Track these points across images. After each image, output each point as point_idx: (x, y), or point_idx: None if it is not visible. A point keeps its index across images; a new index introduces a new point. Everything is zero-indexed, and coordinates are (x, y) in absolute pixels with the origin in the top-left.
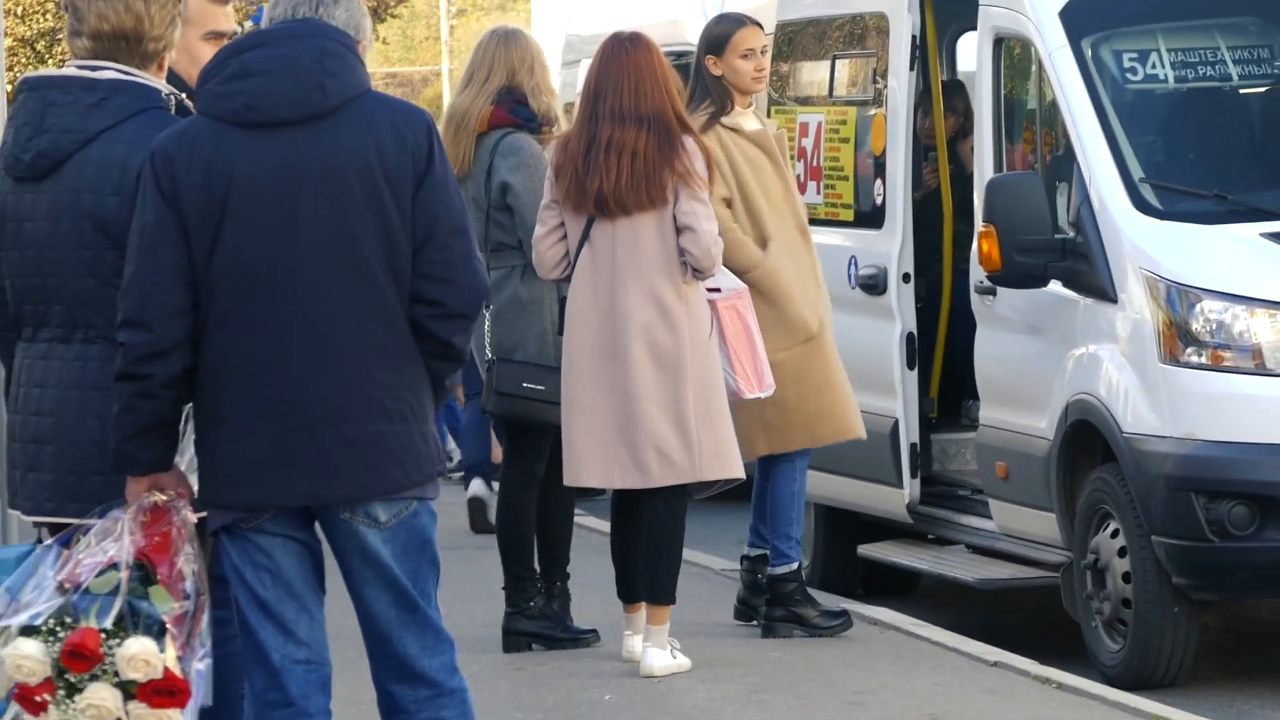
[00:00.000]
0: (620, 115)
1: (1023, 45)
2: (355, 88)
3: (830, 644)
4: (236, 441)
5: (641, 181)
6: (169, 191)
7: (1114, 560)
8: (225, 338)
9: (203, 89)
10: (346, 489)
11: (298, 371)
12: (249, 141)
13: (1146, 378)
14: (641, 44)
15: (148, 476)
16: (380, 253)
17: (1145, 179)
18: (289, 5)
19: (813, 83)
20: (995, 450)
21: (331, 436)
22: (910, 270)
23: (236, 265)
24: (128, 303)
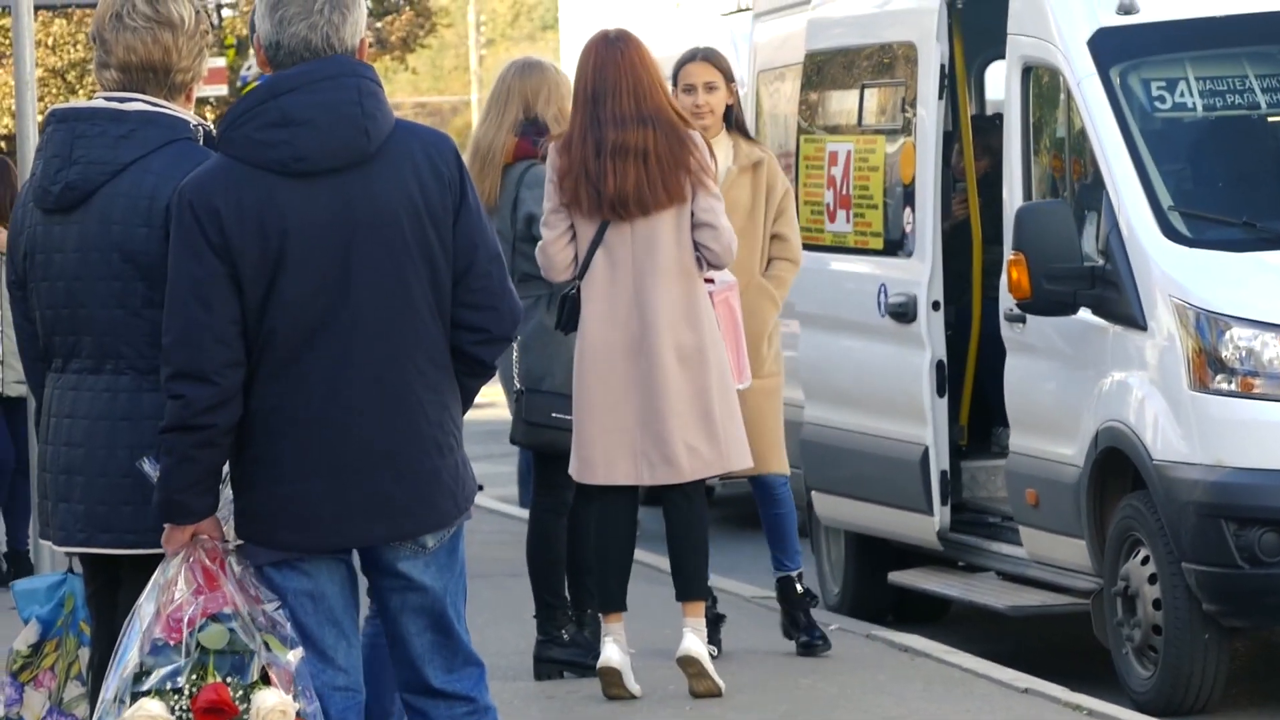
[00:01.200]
0: (623, 117)
1: (1051, 74)
2: (389, 123)
3: (862, 671)
4: (291, 484)
5: (659, 181)
6: (219, 244)
7: (1144, 587)
8: (281, 384)
9: (235, 133)
10: (405, 527)
11: (354, 416)
12: (298, 191)
13: (1176, 405)
14: (632, 42)
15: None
16: (427, 290)
17: (1174, 207)
18: (305, 24)
19: (841, 111)
20: (1025, 477)
21: (389, 477)
22: (940, 298)
23: (293, 314)
24: (183, 356)
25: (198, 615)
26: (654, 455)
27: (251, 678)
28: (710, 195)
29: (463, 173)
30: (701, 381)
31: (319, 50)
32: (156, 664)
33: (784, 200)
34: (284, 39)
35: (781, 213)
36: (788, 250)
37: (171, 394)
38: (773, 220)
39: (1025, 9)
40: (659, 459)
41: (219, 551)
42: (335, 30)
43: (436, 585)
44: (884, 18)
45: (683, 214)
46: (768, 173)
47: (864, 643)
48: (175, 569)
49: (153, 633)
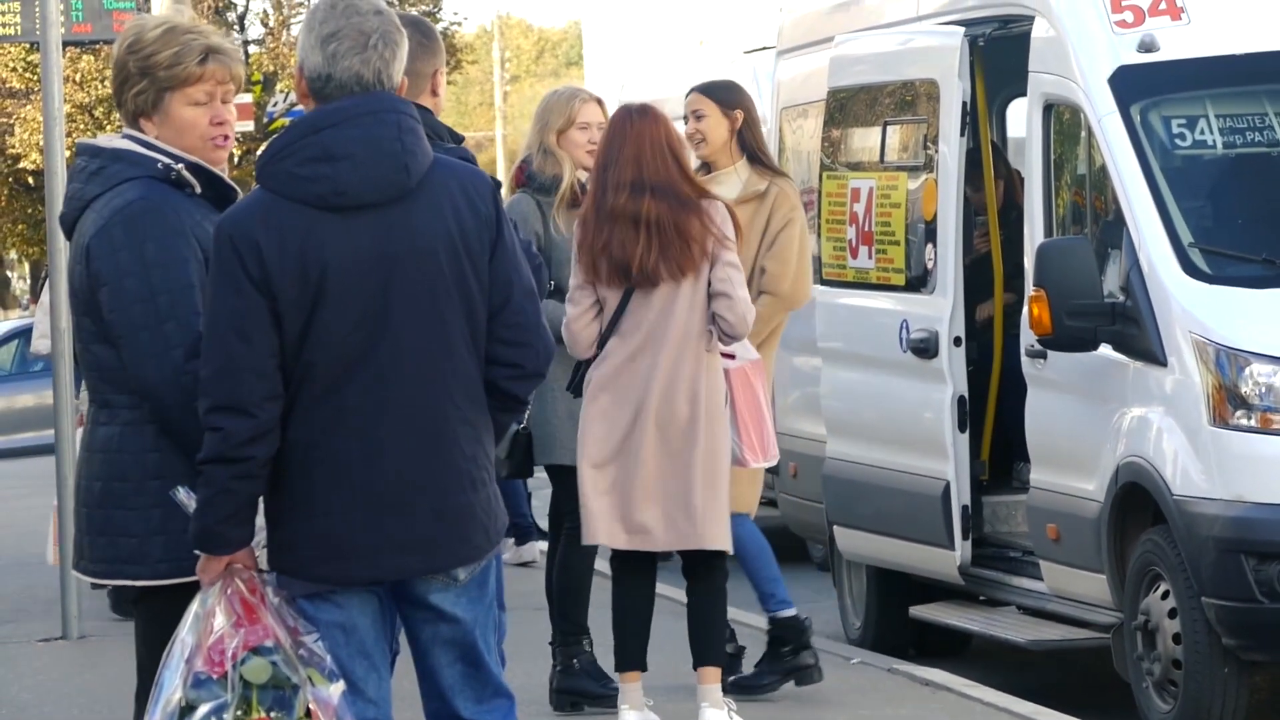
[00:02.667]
0: (622, 184)
1: (1072, 111)
2: (428, 159)
3: (884, 704)
4: (326, 517)
5: (660, 250)
6: (259, 277)
7: (1164, 621)
8: (318, 417)
9: (276, 167)
10: (440, 561)
11: (390, 449)
12: (338, 226)
13: (1196, 440)
14: (648, 115)
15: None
16: (463, 326)
17: (1194, 244)
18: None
19: (864, 148)
20: (1046, 512)
21: (425, 512)
22: (962, 334)
23: (331, 348)
24: (222, 389)
25: (239, 648)
26: (634, 521)
27: (296, 713)
28: (727, 264)
29: (499, 209)
30: (687, 458)
31: (369, 85)
32: (200, 698)
33: (783, 232)
34: (336, 72)
35: (773, 244)
36: (769, 283)
37: (210, 426)
38: (765, 251)
39: (1047, 47)
40: (636, 525)
41: (256, 583)
42: (386, 66)
43: (467, 617)
44: (906, 55)
45: (696, 284)
46: (771, 204)
47: (886, 676)
48: (214, 600)
49: (194, 665)
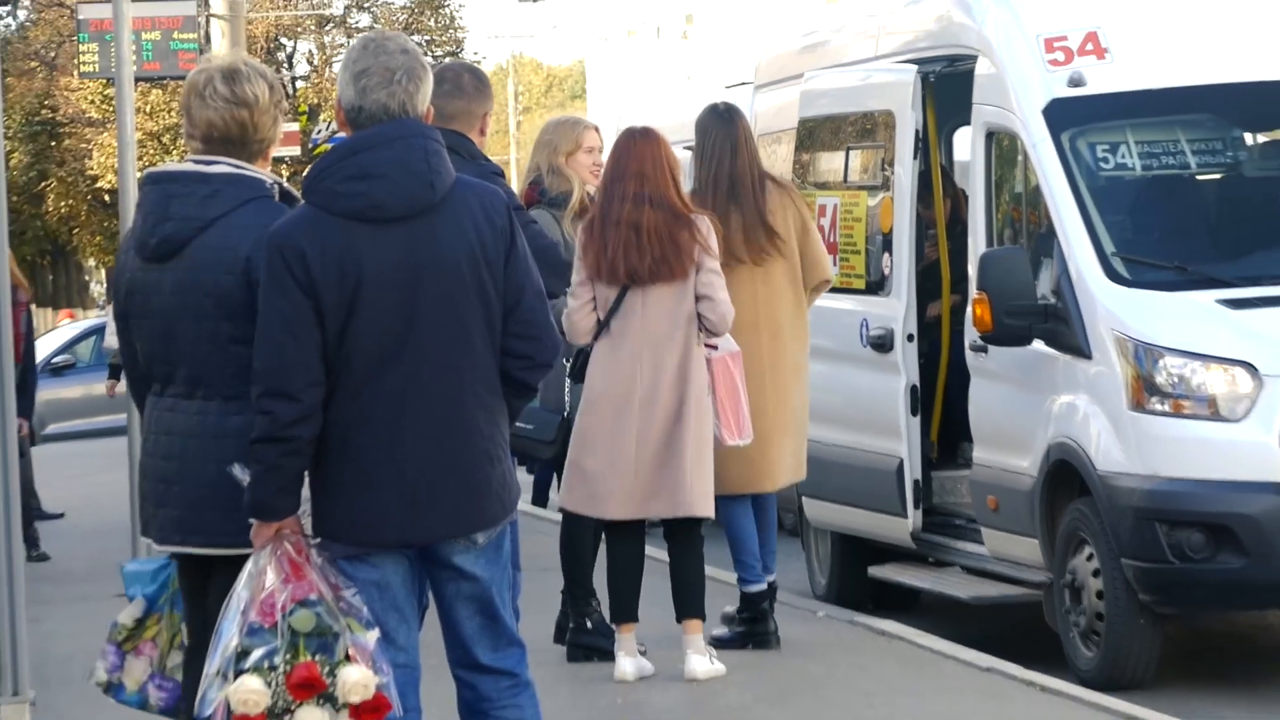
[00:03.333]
0: (626, 196)
1: (1010, 138)
2: (451, 178)
3: (844, 652)
4: (366, 490)
5: (662, 256)
6: (304, 282)
7: (1089, 580)
8: (358, 403)
9: (319, 185)
10: (463, 527)
11: (419, 432)
12: (373, 236)
13: (1117, 423)
14: (650, 137)
15: (279, 522)
16: (481, 323)
17: (1116, 253)
18: (385, 92)
19: (830, 170)
20: (986, 485)
21: (451, 484)
22: (914, 331)
23: (367, 343)
24: (272, 378)
25: (288, 601)
26: (637, 495)
27: (338, 656)
28: (712, 271)
29: (513, 222)
30: (677, 437)
31: (395, 114)
32: (254, 644)
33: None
34: (366, 104)
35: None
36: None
37: (262, 410)
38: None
39: (988, 82)
40: (640, 498)
41: (303, 545)
42: (410, 98)
43: (485, 576)
44: (866, 89)
45: (685, 287)
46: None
47: (847, 628)
48: (265, 560)
49: (249, 617)
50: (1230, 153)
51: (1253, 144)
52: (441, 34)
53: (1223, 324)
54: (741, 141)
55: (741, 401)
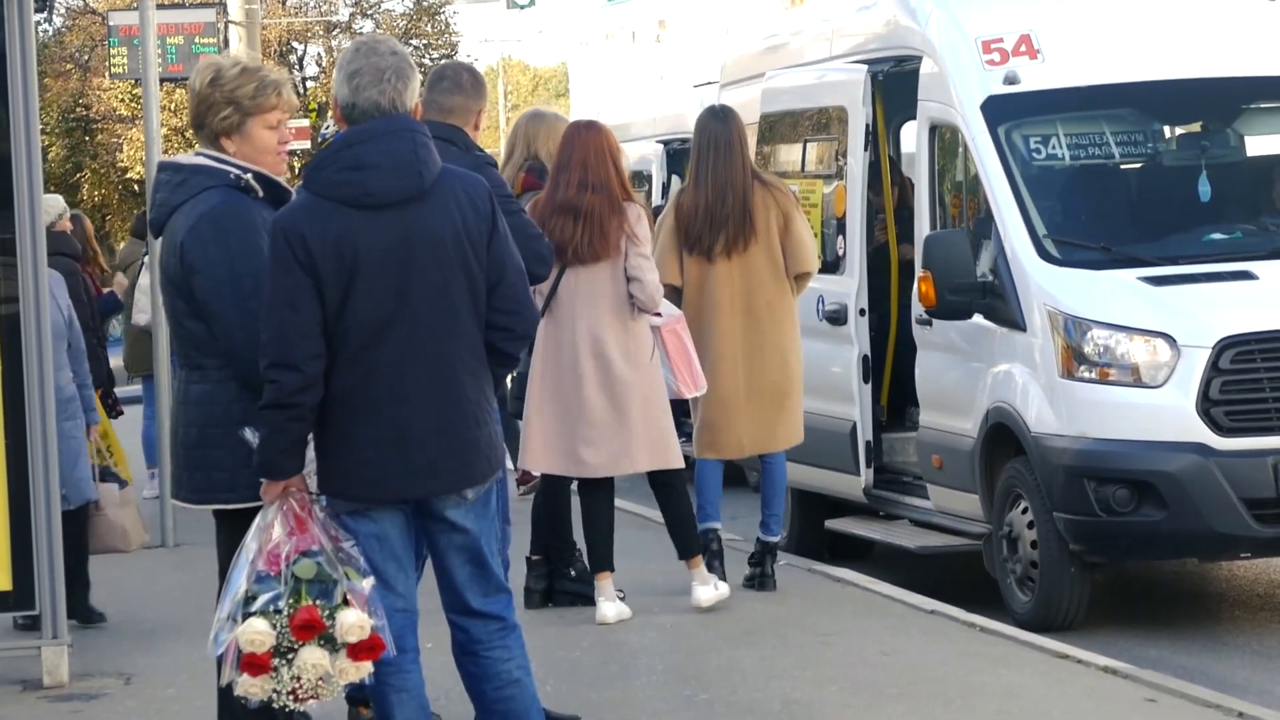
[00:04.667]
0: (570, 183)
1: (952, 131)
2: (438, 168)
3: (803, 597)
4: (365, 450)
5: (594, 237)
6: (305, 261)
7: (1024, 531)
8: (357, 372)
9: (318, 175)
10: (454, 483)
11: (412, 397)
12: (367, 221)
13: (1049, 389)
14: (595, 128)
15: (285, 480)
16: (467, 298)
17: (1048, 235)
18: (376, 90)
19: (789, 161)
20: (932, 446)
21: (440, 445)
22: (865, 306)
23: (364, 318)
24: (277, 349)
25: (292, 552)
26: (576, 453)
27: (336, 601)
28: (639, 255)
29: (494, 207)
30: (623, 399)
31: (386, 110)
32: (260, 590)
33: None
34: (359, 101)
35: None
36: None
37: (269, 379)
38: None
39: (932, 81)
40: (578, 457)
41: (307, 501)
42: (399, 95)
43: (475, 528)
44: (821, 87)
45: (617, 266)
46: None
47: (806, 575)
48: (272, 515)
49: (257, 565)
50: (1151, 144)
51: (1170, 136)
52: (437, 38)
53: (1144, 299)
54: (735, 141)
55: (692, 358)
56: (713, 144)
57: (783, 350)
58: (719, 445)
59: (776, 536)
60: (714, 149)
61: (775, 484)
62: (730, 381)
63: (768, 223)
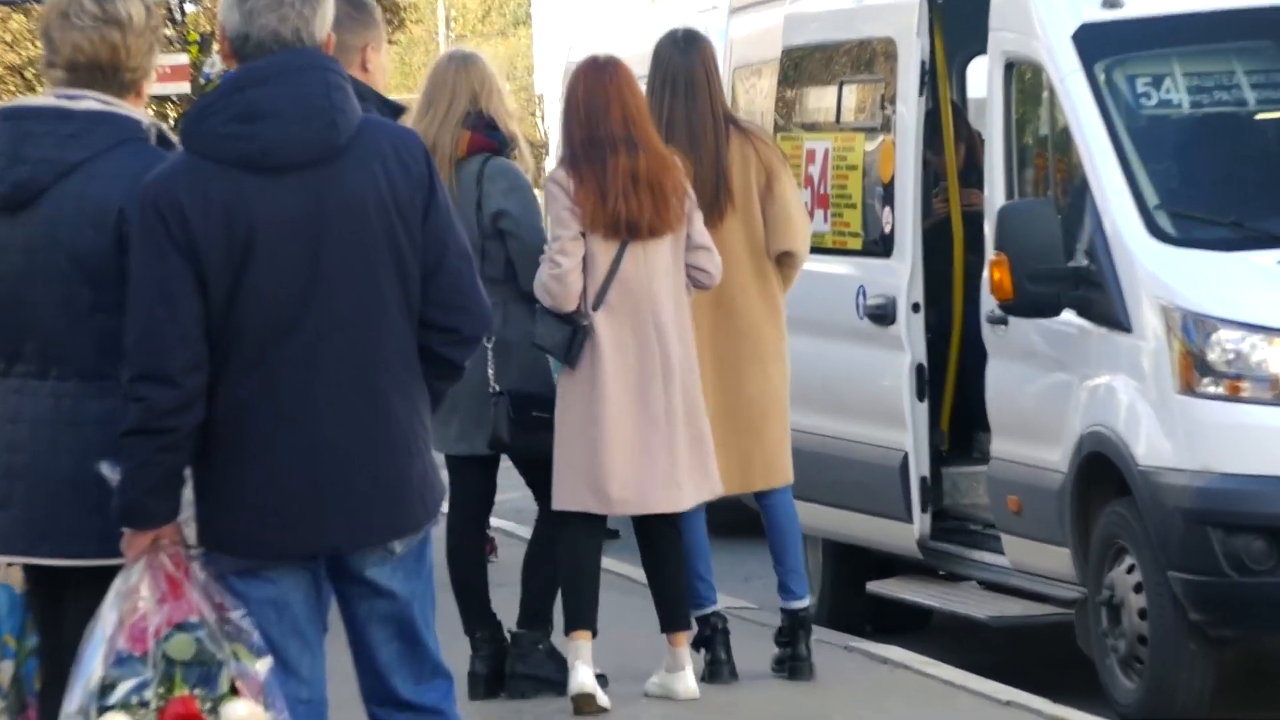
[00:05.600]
0: (616, 139)
1: (1034, 70)
2: (357, 117)
3: (840, 684)
4: (256, 489)
5: (659, 205)
6: (182, 240)
7: (1129, 596)
8: (250, 384)
9: (199, 127)
10: (378, 531)
11: (326, 415)
12: (266, 187)
13: (1162, 409)
14: (622, 70)
15: (155, 530)
16: (396, 287)
17: (1160, 206)
18: (275, 16)
19: (819, 109)
20: (1007, 484)
21: (362, 478)
22: (920, 299)
23: (262, 312)
24: (145, 357)
25: (163, 624)
26: (662, 481)
27: (221, 689)
28: (700, 218)
29: (432, 170)
30: (698, 408)
31: (287, 43)
32: (121, 676)
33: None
34: (252, 30)
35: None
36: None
37: (134, 396)
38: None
39: (1007, 4)
40: (667, 484)
41: (182, 558)
42: (305, 23)
43: (404, 592)
44: (863, 13)
45: (679, 238)
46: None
47: (842, 655)
48: (138, 576)
49: (116, 643)
50: None
51: None
52: None
53: None
54: (702, 77)
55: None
56: (672, 82)
57: (762, 356)
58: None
59: (804, 600)
60: (674, 89)
61: (783, 530)
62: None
63: (747, 184)
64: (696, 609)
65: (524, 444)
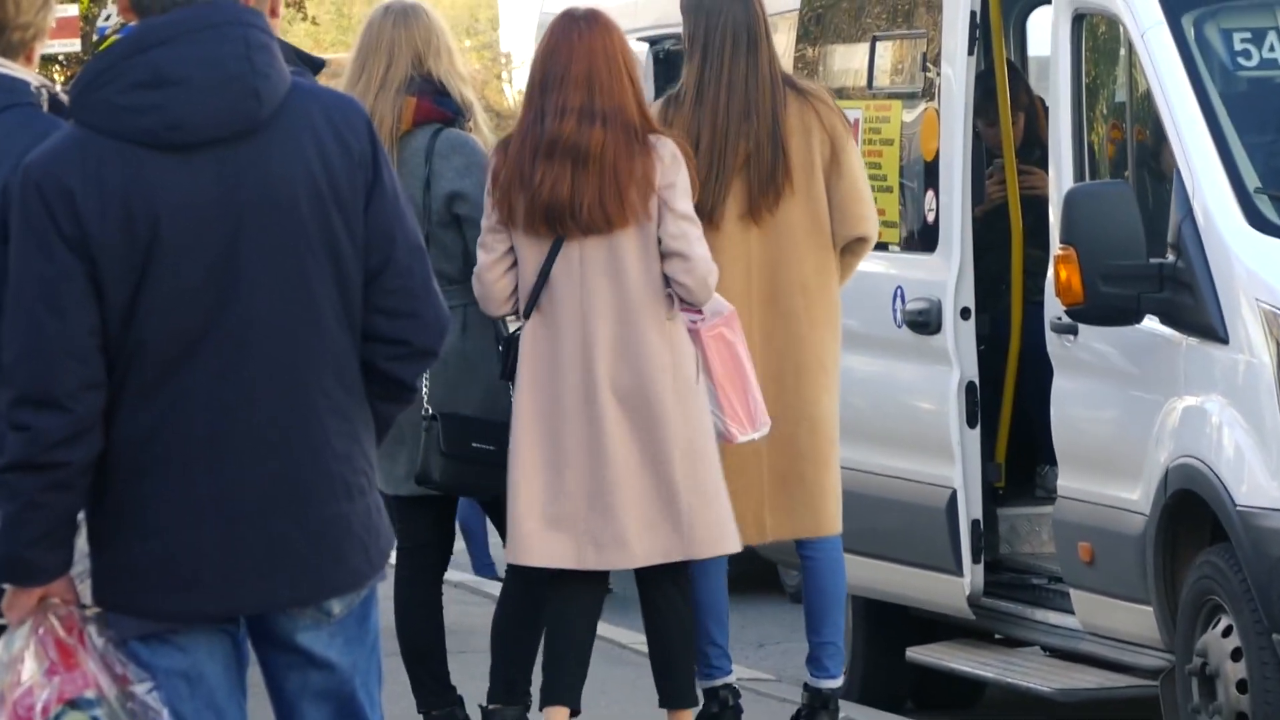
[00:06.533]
0: (567, 109)
1: (1109, 24)
2: (285, 84)
3: None
4: (164, 536)
5: (605, 192)
6: (73, 236)
7: (1226, 664)
8: (152, 411)
9: (92, 96)
10: (307, 589)
11: (245, 448)
12: (173, 168)
13: (1265, 437)
14: (599, 24)
15: (43, 586)
16: (332, 290)
17: (1261, 189)
18: None
19: (847, 70)
20: (1077, 528)
21: (288, 525)
22: (971, 304)
23: (167, 320)
24: (28, 377)
25: (53, 701)
26: (601, 533)
27: None
28: (680, 217)
29: (375, 146)
30: (660, 448)
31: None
32: None
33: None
34: None
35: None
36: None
37: (14, 424)
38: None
39: None
40: (608, 538)
41: (75, 620)
42: None
43: (344, 662)
44: None
45: (646, 236)
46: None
47: None
48: (22, 643)
49: None
50: None
51: None
52: None
53: None
54: (760, 28)
55: (748, 377)
56: (724, 32)
57: (825, 368)
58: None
59: (836, 680)
60: (727, 41)
61: (824, 591)
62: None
63: (809, 158)
64: (705, 679)
65: (455, 481)
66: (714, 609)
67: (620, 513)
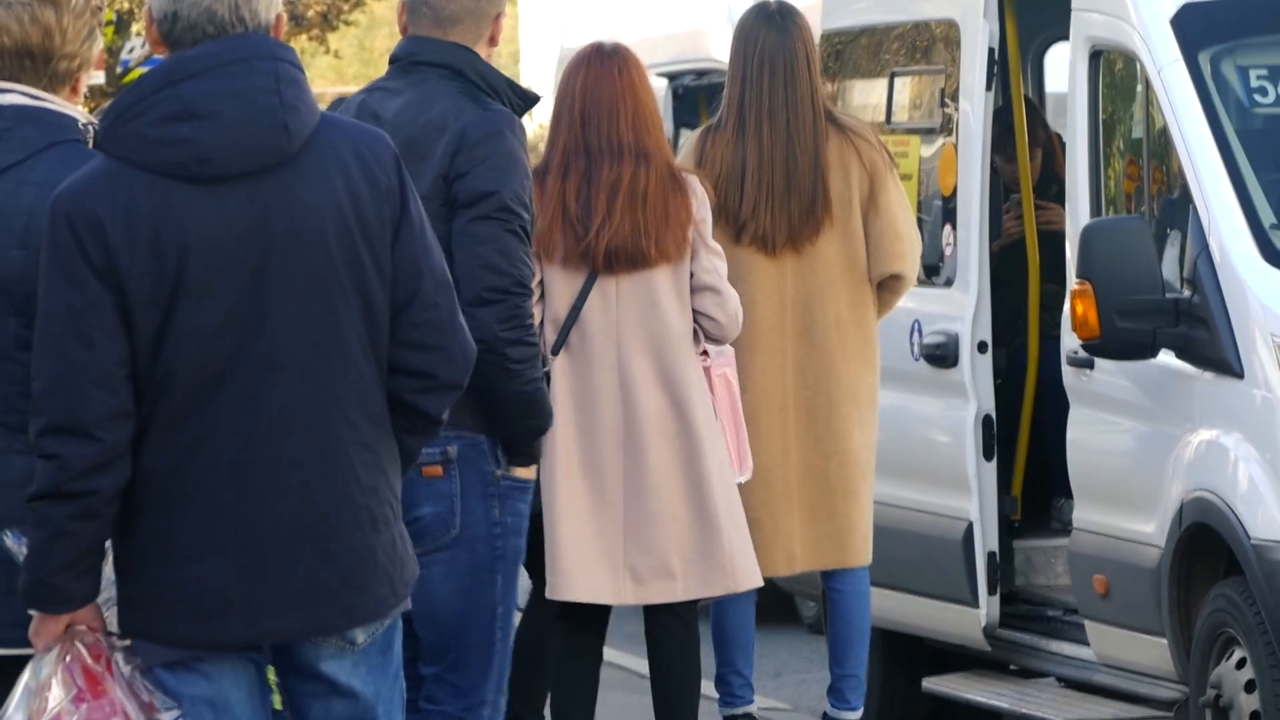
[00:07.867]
0: (618, 148)
1: (1126, 60)
2: (313, 118)
3: None
4: (190, 565)
5: (660, 230)
6: (102, 266)
7: (1240, 696)
8: (179, 441)
9: (123, 129)
10: (332, 619)
11: (271, 478)
12: (202, 200)
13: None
14: (633, 62)
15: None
16: (359, 324)
17: (1277, 225)
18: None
19: (866, 105)
20: (1093, 560)
21: (314, 556)
22: (988, 338)
23: (195, 352)
24: (58, 406)
25: None
26: (642, 568)
27: None
28: (713, 253)
29: (403, 180)
30: (702, 482)
31: (225, 25)
32: None
33: None
34: (182, 9)
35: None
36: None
37: (44, 453)
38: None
39: None
40: (648, 572)
41: (102, 647)
42: (247, 1)
43: (367, 691)
44: None
45: (680, 274)
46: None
47: None
48: (49, 670)
49: None
50: None
51: None
52: None
53: None
54: (803, 60)
55: (742, 420)
56: (770, 63)
57: (859, 403)
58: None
59: (856, 712)
60: (773, 70)
61: (850, 624)
62: (777, 447)
63: (847, 193)
64: (727, 706)
65: None
66: (740, 640)
67: (663, 545)
